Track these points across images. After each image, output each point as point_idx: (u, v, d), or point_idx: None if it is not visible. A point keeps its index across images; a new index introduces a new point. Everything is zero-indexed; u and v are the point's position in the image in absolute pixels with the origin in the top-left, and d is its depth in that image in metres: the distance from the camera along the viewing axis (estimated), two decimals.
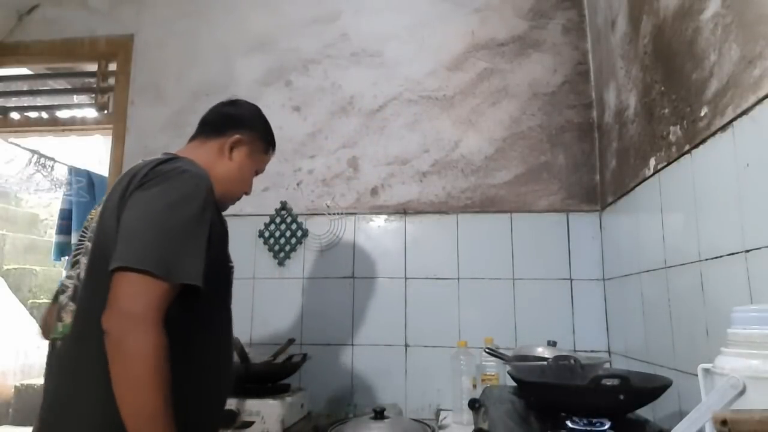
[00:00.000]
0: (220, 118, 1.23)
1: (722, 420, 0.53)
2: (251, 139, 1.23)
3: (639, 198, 1.41)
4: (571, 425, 0.89)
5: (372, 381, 1.86)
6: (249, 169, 1.24)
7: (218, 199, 1.15)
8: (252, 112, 1.28)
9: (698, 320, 1.04)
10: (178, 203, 0.93)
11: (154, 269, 0.86)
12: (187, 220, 0.93)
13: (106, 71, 2.31)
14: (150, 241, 0.89)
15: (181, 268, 0.88)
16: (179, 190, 0.95)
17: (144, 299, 0.85)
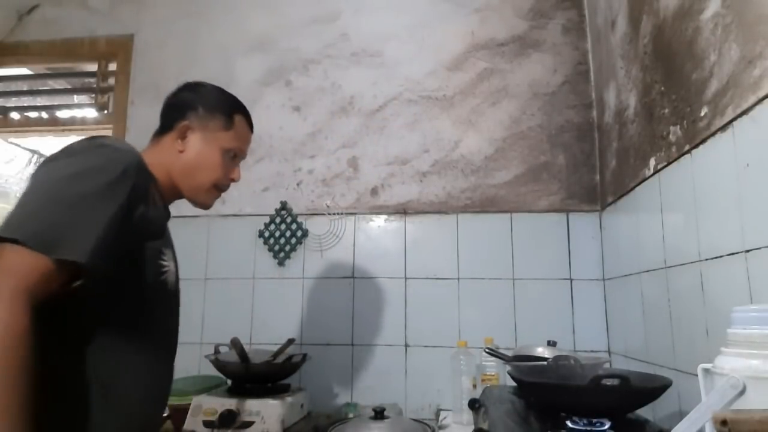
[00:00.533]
0: (164, 111, 1.14)
1: (722, 420, 0.53)
2: (201, 121, 1.10)
3: (639, 198, 1.41)
4: (571, 425, 0.89)
5: (372, 381, 1.86)
6: (211, 153, 1.09)
7: (189, 195, 1.10)
8: (196, 92, 1.14)
9: (698, 320, 1.04)
10: (80, 175, 0.82)
11: (27, 239, 0.73)
12: (87, 192, 0.81)
13: (106, 71, 2.31)
14: (33, 211, 0.78)
15: (64, 242, 0.75)
16: (86, 163, 0.84)
17: (8, 272, 0.72)
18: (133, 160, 0.90)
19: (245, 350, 1.60)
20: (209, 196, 1.12)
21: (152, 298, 0.96)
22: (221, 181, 1.12)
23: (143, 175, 0.91)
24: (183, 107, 1.11)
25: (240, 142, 1.15)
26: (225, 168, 1.12)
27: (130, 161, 0.89)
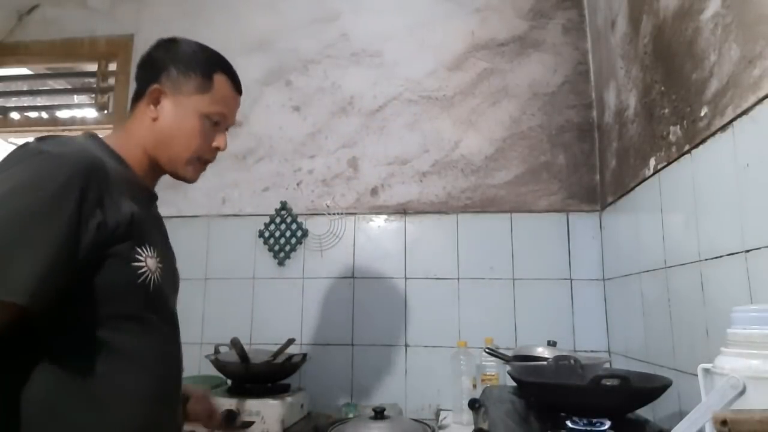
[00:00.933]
0: (137, 74, 1.00)
1: (722, 420, 0.53)
2: (174, 84, 0.96)
3: (639, 198, 1.41)
4: (571, 425, 0.89)
5: (372, 381, 1.86)
6: (187, 119, 0.97)
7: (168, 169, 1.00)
8: (167, 52, 0.99)
9: (698, 320, 1.04)
10: (12, 194, 0.72)
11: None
12: (19, 216, 0.71)
13: (106, 71, 2.31)
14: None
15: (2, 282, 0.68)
16: (19, 178, 0.74)
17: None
18: (77, 164, 0.77)
19: (245, 350, 1.60)
20: (191, 168, 1.00)
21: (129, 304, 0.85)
22: (202, 151, 0.99)
23: (94, 177, 0.78)
24: (155, 68, 0.97)
25: (221, 105, 1.00)
26: (205, 135, 0.99)
27: (74, 167, 0.76)
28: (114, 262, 0.81)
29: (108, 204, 0.80)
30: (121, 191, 0.84)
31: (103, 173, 0.81)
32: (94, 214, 0.77)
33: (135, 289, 0.84)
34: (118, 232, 0.81)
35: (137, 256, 0.85)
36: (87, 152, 0.82)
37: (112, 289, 0.82)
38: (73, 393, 0.78)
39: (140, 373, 0.85)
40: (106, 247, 0.80)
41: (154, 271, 0.88)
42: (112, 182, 0.83)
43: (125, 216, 0.83)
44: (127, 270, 0.83)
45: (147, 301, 0.87)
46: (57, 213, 0.73)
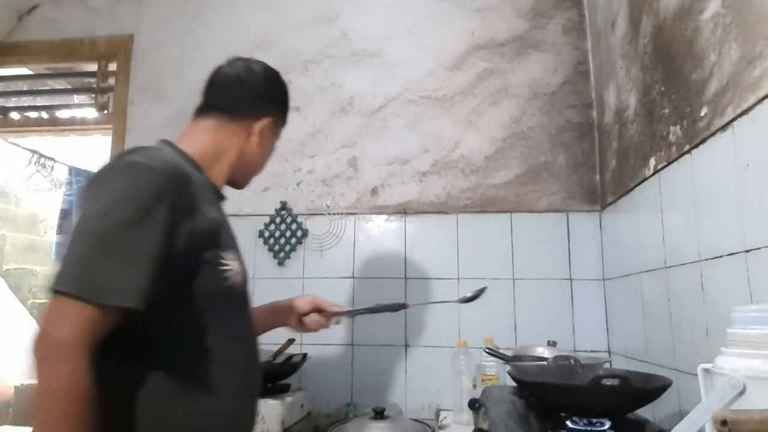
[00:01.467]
0: (237, 93, 1.09)
1: (722, 420, 0.53)
2: (276, 118, 1.11)
3: (639, 198, 1.41)
4: (571, 425, 0.89)
5: (372, 381, 1.86)
6: (271, 148, 1.15)
7: (240, 183, 1.12)
8: (270, 82, 1.13)
9: (698, 320, 1.04)
10: (111, 207, 0.79)
11: (75, 291, 0.73)
12: (120, 227, 0.77)
13: (106, 71, 2.31)
14: (74, 256, 0.76)
15: (109, 286, 0.75)
16: (116, 191, 0.80)
17: (65, 326, 0.73)
18: (166, 176, 0.83)
19: None
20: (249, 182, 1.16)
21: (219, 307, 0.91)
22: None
23: (182, 188, 0.85)
24: (263, 100, 1.10)
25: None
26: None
27: (164, 179, 0.82)
28: (206, 267, 0.88)
29: (195, 212, 0.87)
30: (202, 198, 0.91)
31: (188, 183, 0.88)
32: (184, 222, 0.84)
33: (225, 291, 0.91)
34: (206, 238, 0.88)
35: (224, 261, 0.91)
36: (173, 163, 0.88)
37: (206, 293, 0.88)
38: (175, 390, 0.84)
39: (233, 370, 0.92)
40: (197, 253, 0.87)
41: (237, 273, 0.94)
42: (196, 190, 0.90)
43: (210, 222, 0.90)
44: (217, 274, 0.90)
45: (235, 302, 0.95)
46: (151, 222, 0.79)
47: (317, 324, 1.27)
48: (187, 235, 0.84)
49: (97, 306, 0.74)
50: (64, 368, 0.72)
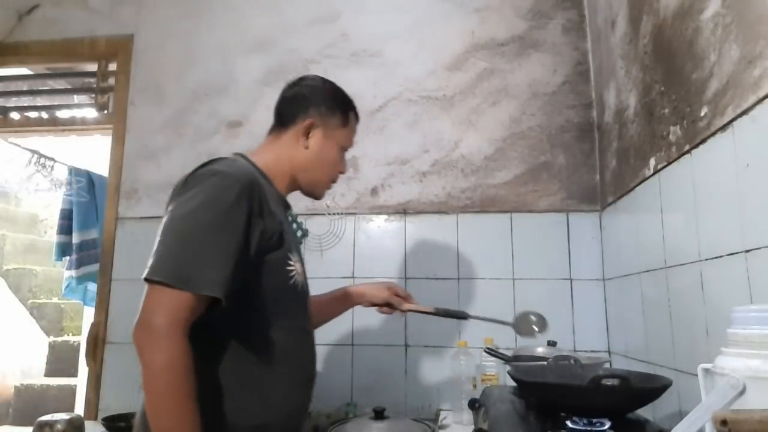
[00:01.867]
0: (286, 105, 1.19)
1: (722, 420, 0.53)
2: (323, 118, 1.16)
3: (639, 198, 1.41)
4: (571, 425, 0.89)
5: (372, 381, 1.86)
6: (330, 150, 1.17)
7: (307, 190, 1.18)
8: (316, 88, 1.20)
9: (698, 320, 1.04)
10: (198, 209, 0.91)
11: (169, 280, 0.84)
12: (207, 227, 0.89)
13: (106, 71, 2.31)
14: (167, 250, 0.88)
15: (199, 277, 0.85)
16: (202, 195, 0.92)
17: (161, 311, 0.84)
18: (244, 182, 0.94)
19: None
20: (324, 190, 1.21)
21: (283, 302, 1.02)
22: (334, 175, 1.21)
23: (256, 192, 0.96)
24: (305, 103, 1.16)
25: (351, 138, 1.23)
26: (338, 163, 1.20)
27: (242, 185, 0.94)
28: (273, 267, 0.99)
29: (266, 213, 0.97)
30: (271, 203, 1.01)
31: (261, 188, 0.99)
32: (258, 223, 0.95)
33: (289, 290, 1.02)
34: (274, 239, 0.98)
35: (289, 261, 1.02)
36: (249, 170, 1.00)
37: (273, 290, 0.99)
38: (242, 378, 0.95)
39: (293, 361, 1.02)
40: (265, 252, 0.97)
41: (300, 274, 1.06)
42: (267, 195, 1.00)
43: (278, 225, 1.00)
44: (283, 274, 1.01)
45: (297, 300, 1.05)
46: (233, 223, 0.91)
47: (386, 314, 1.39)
48: (259, 236, 0.95)
49: (189, 293, 0.84)
50: (165, 350, 0.82)
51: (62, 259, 2.82)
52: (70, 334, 4.44)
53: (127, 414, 1.70)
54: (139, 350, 0.84)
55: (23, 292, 4.66)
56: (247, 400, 0.95)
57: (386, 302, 1.36)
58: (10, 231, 5.24)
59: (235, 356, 0.95)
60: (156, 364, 0.82)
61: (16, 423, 3.70)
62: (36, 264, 5.07)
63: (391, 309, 1.37)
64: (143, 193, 2.14)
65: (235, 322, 0.95)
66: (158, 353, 0.82)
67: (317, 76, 1.24)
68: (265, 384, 0.97)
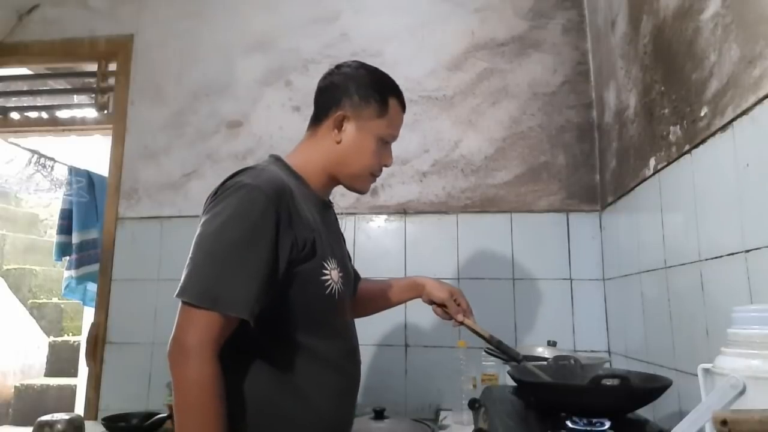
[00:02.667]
0: (319, 97, 1.13)
1: (722, 420, 0.53)
2: (356, 109, 1.07)
3: (639, 198, 1.41)
4: (571, 425, 0.89)
5: (372, 381, 1.86)
6: (366, 142, 1.07)
7: (347, 185, 1.12)
8: (349, 76, 1.10)
9: (698, 320, 1.04)
10: (225, 226, 0.89)
11: (196, 301, 0.85)
12: (233, 244, 0.88)
13: (106, 71, 2.31)
14: (196, 268, 0.88)
15: (226, 297, 0.85)
16: (229, 210, 0.90)
17: (191, 330, 0.85)
18: (271, 193, 0.91)
19: None
20: (365, 183, 1.13)
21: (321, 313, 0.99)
22: (376, 168, 1.11)
23: (284, 202, 0.93)
24: (337, 94, 1.08)
25: (394, 127, 1.11)
26: (379, 155, 1.10)
27: (269, 196, 0.91)
28: (307, 278, 0.96)
29: (297, 222, 0.94)
30: (303, 209, 0.98)
31: (290, 196, 0.95)
32: (288, 234, 0.92)
33: (325, 299, 0.98)
34: (306, 249, 0.95)
35: (324, 271, 0.98)
36: (277, 179, 0.95)
37: (308, 301, 0.96)
38: (282, 387, 0.95)
39: (333, 371, 1.00)
40: (298, 263, 0.94)
41: (337, 282, 1.01)
42: (297, 202, 0.97)
43: (310, 233, 0.96)
44: (318, 284, 0.97)
45: (334, 309, 1.01)
46: (261, 238, 0.89)
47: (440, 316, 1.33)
48: (290, 247, 0.92)
49: (216, 314, 0.84)
50: (194, 368, 0.83)
51: (62, 259, 2.82)
52: (70, 334, 4.45)
53: (127, 414, 1.71)
54: (171, 367, 0.85)
55: (23, 292, 4.66)
56: (292, 410, 0.95)
57: (443, 303, 1.29)
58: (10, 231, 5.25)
59: (277, 367, 0.95)
60: (186, 381, 0.83)
61: (16, 423, 3.71)
62: (36, 264, 5.07)
63: (446, 313, 1.30)
64: (143, 193, 2.14)
65: (274, 334, 0.95)
66: (188, 371, 0.83)
67: (355, 62, 1.13)
68: (310, 394, 0.96)
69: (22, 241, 5.26)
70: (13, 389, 3.85)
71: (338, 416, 1.02)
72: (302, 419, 0.95)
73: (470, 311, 1.30)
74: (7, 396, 3.86)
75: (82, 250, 2.70)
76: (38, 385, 3.84)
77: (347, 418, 1.07)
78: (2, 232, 5.10)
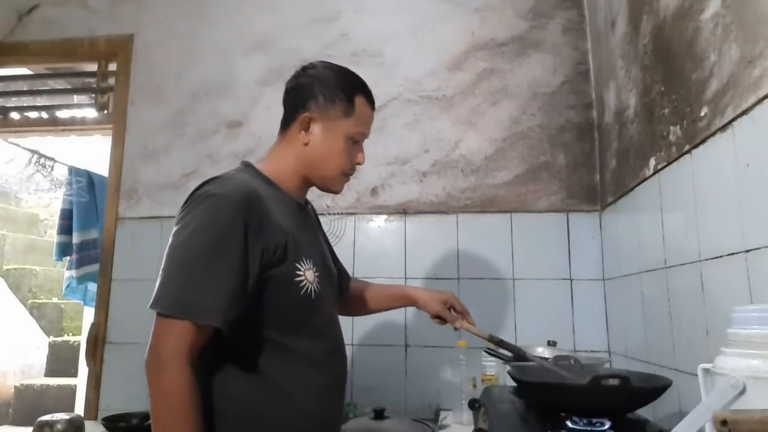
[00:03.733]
0: (286, 100, 1.13)
1: (722, 420, 0.53)
2: (321, 110, 1.06)
3: (639, 198, 1.41)
4: (571, 425, 0.89)
5: (372, 381, 1.86)
6: (334, 143, 1.06)
7: (320, 186, 1.13)
8: (314, 77, 1.09)
9: (698, 320, 1.04)
10: (193, 236, 0.90)
11: (169, 311, 0.86)
12: (203, 252, 0.89)
13: (106, 71, 2.31)
14: (167, 279, 0.89)
15: (196, 306, 0.86)
16: (197, 221, 0.91)
17: (164, 340, 0.86)
18: (239, 201, 0.92)
19: None
20: (339, 183, 1.13)
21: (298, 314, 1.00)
22: (347, 168, 1.10)
23: (254, 209, 0.94)
24: (303, 96, 1.08)
25: (363, 126, 1.10)
26: (349, 154, 1.09)
27: (237, 204, 0.92)
28: (281, 281, 0.96)
29: (267, 227, 0.95)
30: (277, 213, 0.99)
31: (259, 202, 0.96)
32: (259, 239, 0.93)
33: (300, 300, 0.99)
34: (278, 253, 0.96)
35: (297, 272, 0.99)
36: (245, 186, 0.96)
37: (284, 303, 0.97)
38: (264, 388, 0.95)
39: (316, 369, 1.01)
40: (270, 267, 0.95)
41: (312, 281, 1.01)
42: (268, 207, 0.97)
43: (282, 237, 0.97)
44: (292, 285, 0.98)
45: (312, 308, 1.02)
46: (230, 245, 0.90)
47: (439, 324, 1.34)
48: (261, 252, 0.93)
49: (189, 323, 0.86)
50: (169, 377, 0.84)
51: (62, 259, 2.83)
52: (70, 334, 4.45)
53: (127, 414, 1.71)
54: (148, 377, 0.86)
55: (23, 292, 4.66)
56: (275, 410, 0.96)
57: (438, 315, 1.30)
58: (10, 231, 5.24)
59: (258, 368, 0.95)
60: (161, 391, 0.85)
61: (16, 423, 3.70)
62: (36, 264, 5.07)
63: (443, 322, 1.31)
64: (143, 193, 2.14)
65: (253, 336, 0.96)
66: (163, 381, 0.85)
67: (320, 63, 1.12)
68: (293, 393, 0.97)
69: (22, 241, 5.25)
70: (13, 389, 3.85)
71: (324, 414, 1.03)
72: (286, 418, 0.96)
73: (467, 312, 1.31)
74: (7, 396, 3.86)
75: (83, 250, 2.70)
76: (38, 385, 3.84)
77: (334, 416, 1.07)
78: (2, 232, 5.10)
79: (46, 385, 3.83)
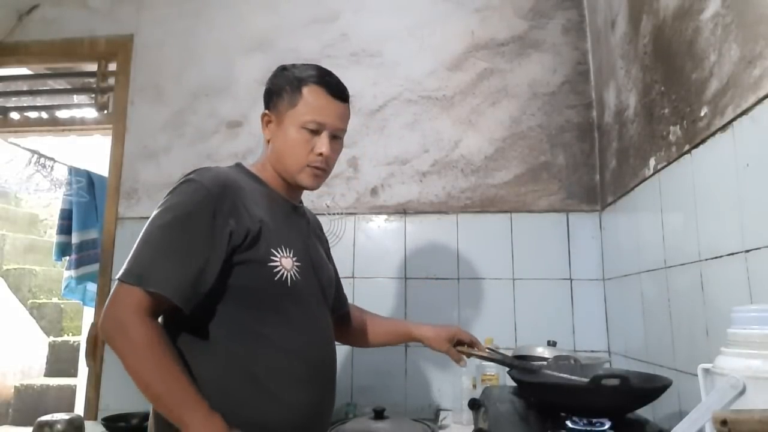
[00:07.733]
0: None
1: (722, 420, 0.53)
2: (273, 106, 1.10)
3: (639, 198, 1.41)
4: (571, 425, 0.89)
5: (372, 381, 1.86)
6: (289, 134, 1.07)
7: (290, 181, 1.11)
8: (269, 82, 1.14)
9: (698, 320, 1.04)
10: (163, 212, 0.95)
11: (124, 278, 0.90)
12: (165, 228, 0.93)
13: (106, 71, 2.31)
14: (133, 254, 0.93)
15: (149, 276, 0.90)
16: (169, 202, 0.96)
17: (122, 306, 0.89)
18: (210, 185, 0.96)
19: None
20: (304, 176, 1.09)
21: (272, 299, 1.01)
22: (307, 159, 1.07)
23: (226, 193, 0.97)
24: (264, 97, 1.14)
25: (313, 114, 1.06)
26: (305, 145, 1.06)
27: (208, 188, 0.96)
28: (253, 265, 0.98)
29: (238, 214, 0.97)
30: (256, 203, 1.02)
31: (234, 189, 0.99)
32: (227, 223, 0.95)
33: (273, 285, 0.99)
34: (249, 237, 0.97)
35: (272, 257, 1.00)
36: (222, 175, 1.00)
37: (256, 286, 0.99)
38: (237, 374, 0.96)
39: (290, 357, 1.01)
40: (241, 251, 0.97)
41: (290, 269, 1.02)
42: (247, 197, 1.01)
43: (256, 224, 0.99)
44: (265, 269, 0.99)
45: (287, 296, 1.02)
46: (195, 225, 0.93)
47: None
48: (228, 234, 0.95)
49: (139, 289, 0.89)
50: (134, 330, 0.87)
51: (62, 259, 2.82)
52: (70, 334, 4.44)
53: (127, 414, 1.71)
54: (110, 340, 0.89)
55: (23, 292, 4.66)
56: (246, 395, 0.96)
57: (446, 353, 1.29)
58: (10, 231, 5.24)
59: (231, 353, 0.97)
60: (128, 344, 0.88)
61: (16, 423, 3.70)
62: (36, 264, 5.07)
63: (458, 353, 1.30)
64: (143, 193, 2.14)
65: (226, 321, 0.98)
66: (131, 334, 0.88)
67: (280, 66, 1.15)
68: (262, 380, 0.97)
69: (22, 241, 5.25)
70: (13, 389, 3.85)
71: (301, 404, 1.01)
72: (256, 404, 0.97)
73: (476, 341, 1.30)
74: (7, 396, 3.86)
75: (82, 250, 2.70)
76: (38, 385, 3.84)
77: (319, 406, 1.05)
78: (2, 232, 5.10)
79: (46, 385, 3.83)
